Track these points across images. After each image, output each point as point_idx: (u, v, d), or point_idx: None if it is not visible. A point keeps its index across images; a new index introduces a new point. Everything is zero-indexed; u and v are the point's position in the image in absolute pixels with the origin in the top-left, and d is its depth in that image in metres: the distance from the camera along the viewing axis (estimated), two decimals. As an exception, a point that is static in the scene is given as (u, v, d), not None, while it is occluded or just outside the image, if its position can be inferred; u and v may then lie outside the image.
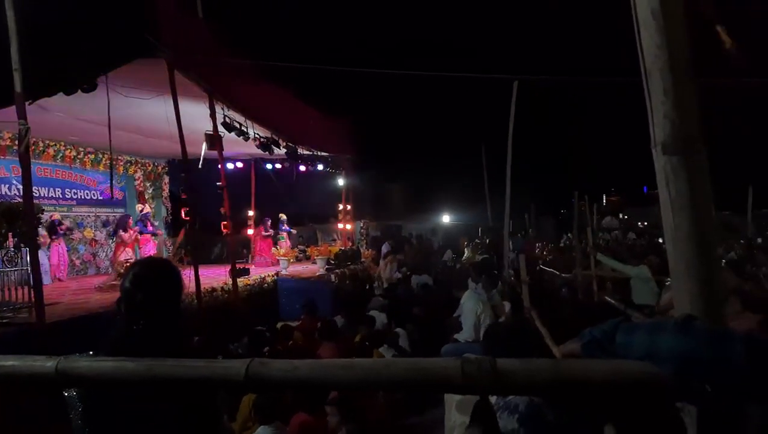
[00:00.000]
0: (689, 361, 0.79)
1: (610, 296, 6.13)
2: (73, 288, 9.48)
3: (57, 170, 11.70)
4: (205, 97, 7.27)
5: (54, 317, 5.62)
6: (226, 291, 8.21)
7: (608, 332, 0.96)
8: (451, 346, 5.16)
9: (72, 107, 7.48)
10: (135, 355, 1.11)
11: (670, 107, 0.92)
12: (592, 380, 0.89)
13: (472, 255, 12.99)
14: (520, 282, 5.41)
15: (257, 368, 1.02)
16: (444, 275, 11.10)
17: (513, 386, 0.94)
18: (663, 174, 0.95)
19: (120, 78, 6.26)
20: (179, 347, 1.78)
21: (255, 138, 9.39)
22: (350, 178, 14.70)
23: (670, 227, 0.96)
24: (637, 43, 0.97)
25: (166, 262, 2.03)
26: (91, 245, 12.53)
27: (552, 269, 9.58)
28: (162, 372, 1.04)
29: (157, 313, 1.68)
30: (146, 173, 14.36)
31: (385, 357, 4.78)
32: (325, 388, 0.89)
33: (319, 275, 10.73)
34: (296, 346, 5.77)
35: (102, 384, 1.32)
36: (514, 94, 8.17)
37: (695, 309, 0.94)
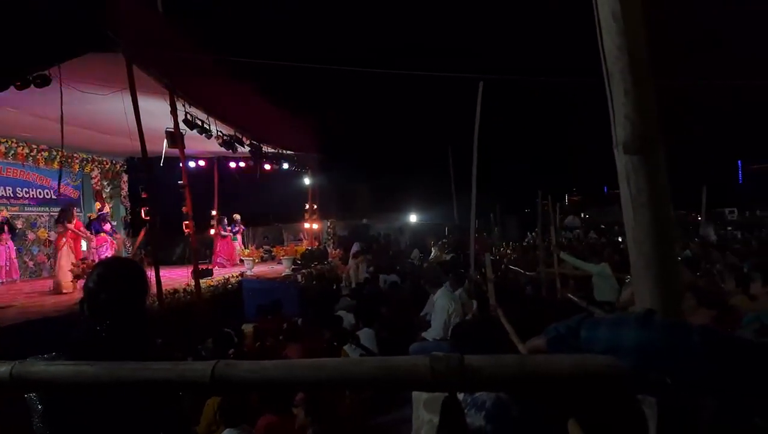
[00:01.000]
0: (648, 353, 0.82)
1: (572, 293, 6.29)
2: (26, 291, 9.12)
3: (8, 168, 11.20)
4: (165, 93, 7.08)
5: (6, 321, 5.38)
6: (188, 293, 8.03)
7: (573, 327, 0.98)
8: (418, 345, 5.19)
9: (24, 103, 7.17)
10: (99, 357, 1.07)
11: (631, 108, 0.95)
12: (557, 374, 0.91)
13: (440, 254, 13.10)
14: (486, 280, 5.49)
15: (223, 369, 1.00)
16: (411, 274, 11.15)
17: (481, 382, 0.95)
18: (624, 173, 0.98)
19: (75, 73, 6.03)
20: (145, 349, 1.75)
21: (218, 136, 9.21)
22: (316, 177, 14.59)
23: (630, 224, 0.99)
24: (599, 45, 0.99)
25: (130, 262, 1.98)
26: (45, 246, 12.04)
27: (516, 267, 9.76)
28: (124, 375, 1.01)
29: (121, 314, 1.64)
30: (104, 171, 13.90)
31: (351, 355, 4.77)
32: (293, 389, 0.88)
33: (285, 276, 10.62)
34: (263, 347, 5.69)
35: (60, 388, 1.27)
36: (479, 95, 8.27)
37: (655, 304, 0.97)
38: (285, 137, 11.79)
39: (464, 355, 0.95)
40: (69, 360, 1.54)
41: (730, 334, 0.82)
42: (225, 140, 9.51)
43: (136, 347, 1.67)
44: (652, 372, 0.81)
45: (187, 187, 7.74)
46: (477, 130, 8.17)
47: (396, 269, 11.46)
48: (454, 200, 17.01)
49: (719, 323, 2.71)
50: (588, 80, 1.11)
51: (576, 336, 0.96)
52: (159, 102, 7.27)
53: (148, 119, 6.87)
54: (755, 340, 0.82)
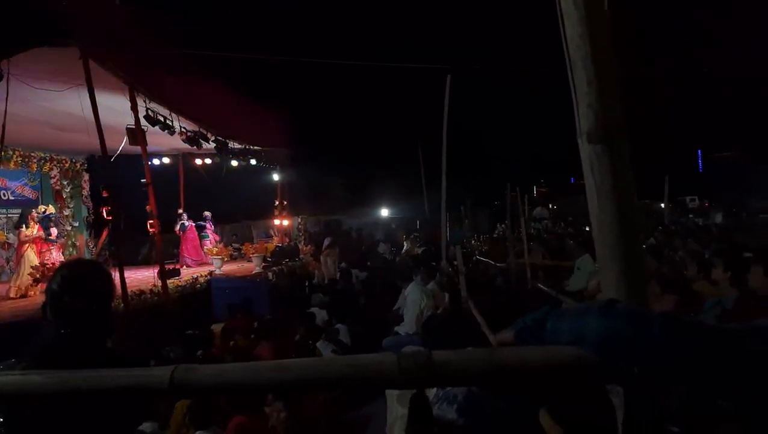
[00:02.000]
0: (611, 343, 0.81)
1: (542, 283, 6.39)
2: (-19, 297, 8.74)
3: (-40, 168, 10.70)
4: (125, 88, 6.87)
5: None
6: (155, 294, 7.84)
7: (539, 319, 0.98)
8: (392, 339, 5.19)
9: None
10: (63, 362, 1.02)
11: (594, 97, 0.94)
12: (526, 367, 0.90)
13: (411, 248, 13.14)
14: (457, 273, 5.53)
15: (182, 374, 0.95)
16: (383, 268, 11.15)
17: (449, 377, 0.93)
18: (588, 162, 0.98)
19: (27, 68, 5.79)
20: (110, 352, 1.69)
21: (181, 132, 8.99)
22: (286, 173, 14.42)
23: (595, 213, 0.99)
24: (561, 33, 0.98)
25: (95, 264, 1.92)
26: (3, 248, 11.57)
27: (487, 259, 9.85)
28: (78, 384, 0.95)
29: (86, 317, 1.58)
30: (63, 170, 13.42)
31: (323, 353, 4.74)
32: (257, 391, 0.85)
33: (256, 273, 10.47)
34: (234, 347, 5.60)
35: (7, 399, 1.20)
36: (447, 87, 8.28)
37: (620, 292, 0.97)
38: (252, 132, 11.60)
39: (432, 351, 0.94)
40: (31, 366, 1.48)
41: (691, 320, 0.82)
42: (189, 136, 9.30)
43: (102, 351, 1.62)
44: (617, 361, 0.81)
45: (150, 185, 7.54)
46: (446, 123, 8.18)
47: (366, 265, 11.45)
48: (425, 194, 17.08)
49: (682, 308, 2.78)
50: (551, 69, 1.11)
51: (542, 328, 0.96)
52: (119, 98, 7.04)
53: (108, 116, 6.65)
54: (716, 325, 0.82)
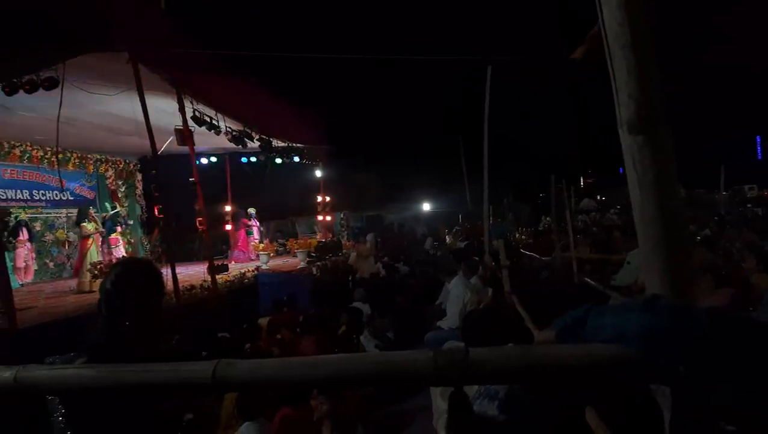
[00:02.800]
0: (653, 340, 0.78)
1: (589, 277, 6.21)
2: (47, 291, 9.27)
3: (24, 171, 11.37)
4: (172, 91, 7.11)
5: (27, 322, 5.48)
6: (205, 288, 8.10)
7: (580, 317, 0.95)
8: (433, 334, 5.17)
9: (35, 106, 7.25)
10: (117, 357, 1.07)
11: (634, 86, 0.91)
12: (563, 365, 0.88)
13: (453, 242, 13.06)
14: (501, 267, 5.44)
15: (224, 369, 0.99)
16: (426, 263, 11.12)
17: (485, 375, 0.93)
18: (629, 153, 0.95)
19: (82, 73, 6.08)
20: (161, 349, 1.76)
21: (227, 132, 9.23)
22: (327, 169, 14.59)
23: (638, 206, 0.96)
24: (600, 23, 0.95)
25: (147, 262, 1.99)
26: (64, 246, 12.23)
27: (531, 252, 9.66)
28: (127, 378, 1.01)
29: (138, 314, 1.65)
30: (118, 171, 14.04)
31: (367, 347, 4.78)
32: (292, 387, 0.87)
33: (300, 269, 10.66)
34: (281, 341, 5.72)
35: (62, 392, 1.28)
36: (488, 79, 8.16)
37: (665, 287, 0.94)
38: (294, 130, 11.79)
39: (469, 349, 0.93)
40: (87, 360, 1.56)
41: (740, 315, 0.78)
42: (234, 135, 9.54)
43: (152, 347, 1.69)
44: (661, 359, 0.78)
45: (198, 184, 7.78)
46: (487, 115, 8.07)
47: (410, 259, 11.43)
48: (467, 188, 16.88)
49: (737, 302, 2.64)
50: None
51: (583, 326, 0.93)
52: (167, 100, 7.30)
53: (158, 117, 6.91)
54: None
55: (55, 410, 1.50)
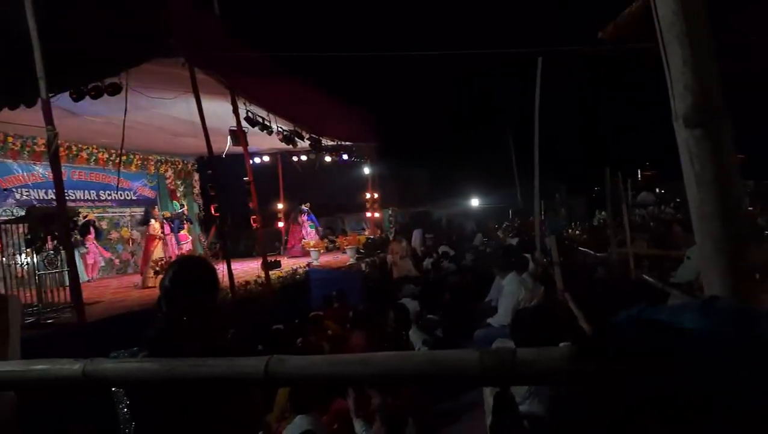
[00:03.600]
0: (711, 342, 0.75)
1: (647, 273, 5.96)
2: (113, 287, 9.81)
3: (91, 172, 12.06)
4: (227, 93, 7.34)
5: (94, 316, 5.82)
6: (259, 284, 8.34)
7: (633, 317, 0.92)
8: (483, 331, 5.12)
9: (100, 111, 7.67)
10: (174, 352, 1.13)
11: (690, 77, 0.86)
12: (613, 367, 0.86)
13: (504, 238, 12.84)
14: (553, 264, 5.32)
15: (276, 365, 1.02)
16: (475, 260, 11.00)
17: (533, 376, 0.91)
18: (686, 148, 0.90)
19: (142, 79, 6.37)
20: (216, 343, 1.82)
21: (278, 132, 9.46)
22: (375, 166, 14.68)
23: (695, 204, 0.91)
24: (653, 11, 0.91)
25: (203, 261, 2.06)
26: (128, 244, 12.92)
27: (586, 248, 9.37)
28: (182, 372, 1.05)
29: (194, 310, 1.72)
30: (177, 171, 14.68)
31: (415, 343, 4.78)
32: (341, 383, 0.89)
33: (350, 265, 10.79)
34: (331, 336, 5.81)
35: (126, 384, 1.36)
36: (538, 71, 7.95)
37: (724, 288, 0.89)
38: (343, 128, 11.92)
39: (517, 349, 0.92)
40: (148, 354, 1.65)
41: None
42: (285, 135, 9.75)
43: (208, 341, 1.75)
44: (719, 363, 0.75)
45: (252, 183, 8.02)
46: (537, 108, 7.87)
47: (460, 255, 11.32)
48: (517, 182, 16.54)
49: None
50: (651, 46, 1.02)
51: None
52: (222, 102, 7.55)
53: (213, 119, 7.15)
54: None
55: (120, 401, 1.59)
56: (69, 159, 11.14)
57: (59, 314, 5.80)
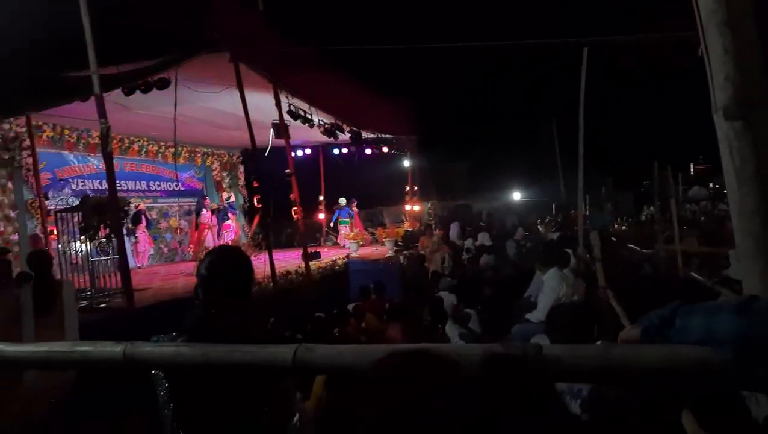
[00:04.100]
0: (749, 344, 0.72)
1: (696, 272, 5.73)
2: (162, 274, 10.20)
3: (142, 164, 12.55)
4: (270, 87, 7.48)
5: (143, 302, 6.09)
6: (299, 274, 8.49)
7: (666, 316, 0.89)
8: (521, 327, 5.05)
9: (150, 105, 7.95)
10: (210, 338, 1.17)
11: (731, 67, 0.82)
12: (644, 366, 0.83)
13: (546, 233, 12.59)
14: (594, 260, 5.18)
15: (303, 353, 1.04)
16: (515, 254, 10.83)
17: (560, 373, 0.90)
18: (726, 141, 0.87)
19: (189, 73, 6.56)
20: (251, 331, 1.86)
21: (320, 125, 9.56)
22: (415, 158, 14.65)
23: (735, 199, 0.88)
24: None
25: (238, 250, 2.11)
26: (176, 233, 13.39)
27: (632, 244, 9.09)
28: (215, 357, 1.09)
29: (230, 299, 1.77)
30: (222, 163, 15.08)
31: (451, 336, 4.77)
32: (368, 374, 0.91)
33: (388, 257, 10.84)
34: (367, 328, 5.87)
35: (163, 367, 1.42)
36: (584, 61, 7.71)
37: (765, 287, 0.86)
38: (383, 121, 11.95)
39: (543, 345, 0.91)
40: (186, 340, 1.71)
41: None
42: (326, 128, 9.85)
43: (243, 329, 1.79)
44: (757, 365, 0.71)
45: (294, 175, 8.15)
46: (582, 99, 7.64)
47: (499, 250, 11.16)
48: (560, 176, 16.14)
49: None
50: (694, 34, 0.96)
51: (670, 326, 0.88)
52: (265, 96, 7.69)
53: (256, 112, 7.30)
54: None
55: (159, 384, 1.66)
56: (121, 151, 11.62)
57: (111, 299, 6.10)
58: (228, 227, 11.56)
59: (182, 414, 1.64)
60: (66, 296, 3.85)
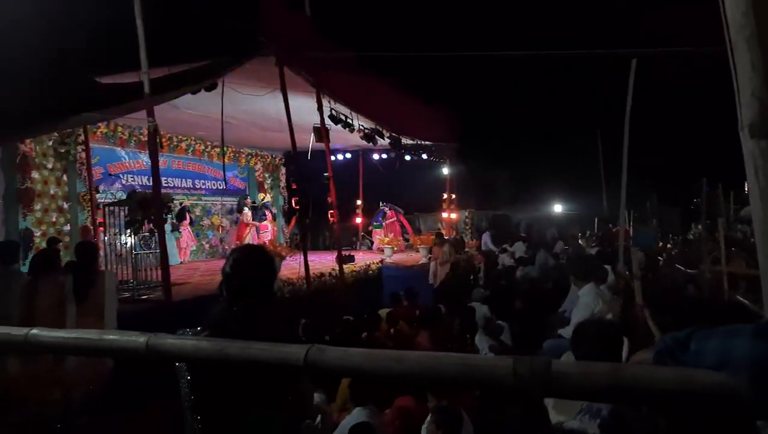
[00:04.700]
0: (766, 369, 0.69)
1: (743, 295, 5.46)
2: (202, 270, 10.50)
3: (189, 162, 12.97)
4: (312, 91, 7.60)
5: (181, 296, 6.28)
6: (333, 277, 8.58)
7: (681, 339, 0.87)
8: (553, 342, 4.94)
9: (198, 105, 8.21)
10: (231, 334, 1.21)
11: (758, 84, 0.80)
12: (655, 388, 0.81)
13: (585, 247, 12.26)
14: (633, 277, 5.02)
15: (315, 354, 1.06)
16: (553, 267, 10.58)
17: (567, 390, 0.88)
18: (751, 160, 0.83)
19: (236, 76, 6.74)
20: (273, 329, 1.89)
21: (360, 129, 9.64)
22: (454, 166, 14.56)
23: (759, 219, 0.84)
24: (721, 12, 0.85)
25: (261, 250, 2.16)
26: (218, 230, 13.77)
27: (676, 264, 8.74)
28: (231, 352, 1.12)
29: (252, 296, 1.80)
30: (265, 164, 15.42)
31: (480, 347, 4.71)
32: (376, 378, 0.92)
33: (422, 264, 10.80)
34: (397, 333, 5.86)
35: (183, 360, 1.47)
36: (632, 72, 7.49)
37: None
38: (423, 128, 11.94)
39: (552, 360, 0.89)
40: (208, 334, 1.76)
41: None
42: (366, 133, 9.93)
43: (264, 326, 1.83)
44: None
45: (332, 178, 8.25)
46: (629, 111, 7.42)
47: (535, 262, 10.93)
48: (604, 189, 15.64)
49: None
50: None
51: (684, 349, 0.85)
52: (307, 99, 7.83)
53: (298, 116, 7.44)
54: None
55: (182, 376, 1.71)
56: (170, 149, 12.05)
57: (151, 291, 6.32)
58: (265, 227, 11.83)
59: (201, 406, 1.69)
60: (108, 287, 4.03)
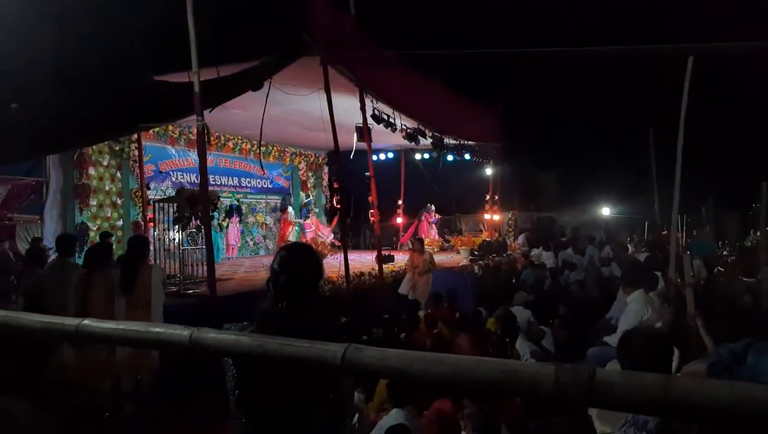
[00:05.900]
0: None
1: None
2: (246, 266, 10.76)
3: (235, 161, 13.33)
4: (355, 90, 7.65)
5: (225, 291, 6.45)
6: (373, 276, 8.60)
7: (737, 352, 0.82)
8: (598, 349, 4.78)
9: (245, 105, 8.41)
10: (276, 330, 1.23)
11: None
12: (709, 403, 0.76)
13: (634, 253, 11.82)
14: (685, 285, 4.80)
15: (352, 353, 1.06)
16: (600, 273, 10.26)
17: (611, 401, 0.84)
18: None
19: (281, 76, 6.86)
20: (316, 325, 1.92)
21: (402, 129, 9.63)
22: (498, 167, 14.34)
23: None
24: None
25: (308, 248, 2.18)
26: (262, 228, 14.09)
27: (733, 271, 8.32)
28: (271, 348, 1.13)
29: (298, 293, 1.83)
30: (309, 163, 15.66)
31: (521, 353, 4.61)
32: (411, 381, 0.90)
33: (463, 266, 10.69)
34: (436, 336, 5.82)
35: (224, 354, 1.49)
36: (688, 70, 7.16)
37: None
38: (467, 127, 11.82)
39: (597, 369, 0.86)
40: (254, 330, 1.80)
41: None
42: (408, 132, 9.91)
43: (309, 323, 1.85)
44: None
45: (373, 178, 8.28)
46: (684, 111, 7.10)
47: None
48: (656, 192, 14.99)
49: None
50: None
51: (741, 362, 0.80)
52: (350, 99, 7.88)
53: (341, 115, 7.50)
54: None
55: (228, 370, 1.75)
56: (218, 148, 12.41)
57: (197, 286, 6.52)
58: (308, 226, 12.03)
59: (244, 400, 1.72)
60: (155, 280, 4.19)
